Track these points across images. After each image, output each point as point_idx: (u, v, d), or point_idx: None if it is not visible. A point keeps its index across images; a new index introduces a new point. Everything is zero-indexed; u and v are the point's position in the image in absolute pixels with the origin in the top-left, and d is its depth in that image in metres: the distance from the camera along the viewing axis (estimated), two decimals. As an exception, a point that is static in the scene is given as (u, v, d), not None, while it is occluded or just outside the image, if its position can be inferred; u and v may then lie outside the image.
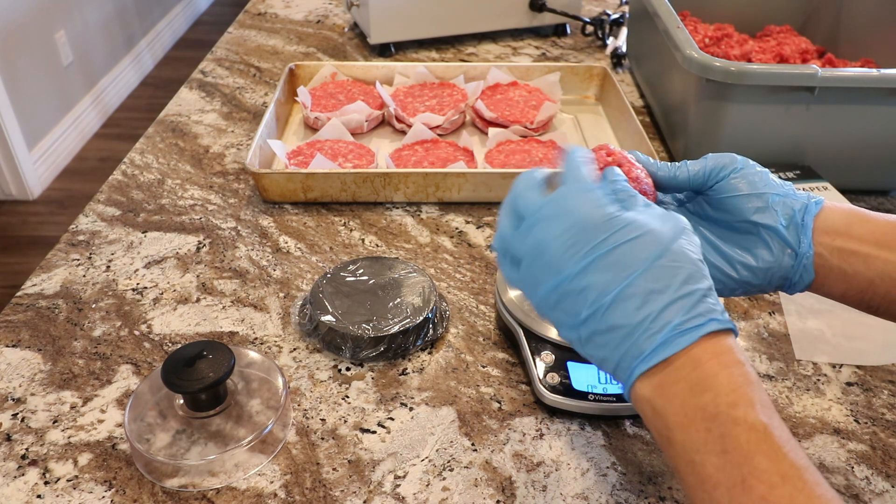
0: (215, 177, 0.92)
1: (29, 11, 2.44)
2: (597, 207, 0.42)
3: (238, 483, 0.56)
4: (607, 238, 0.41)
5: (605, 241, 0.41)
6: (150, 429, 0.57)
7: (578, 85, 1.10)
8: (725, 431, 0.37)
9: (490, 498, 0.56)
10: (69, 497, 0.55)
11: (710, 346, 0.39)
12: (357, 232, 0.83)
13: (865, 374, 0.67)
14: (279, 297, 0.74)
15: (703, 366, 0.39)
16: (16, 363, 0.66)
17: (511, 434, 0.61)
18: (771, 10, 1.16)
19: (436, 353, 0.68)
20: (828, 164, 0.87)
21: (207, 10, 3.97)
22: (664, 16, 0.92)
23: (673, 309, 0.39)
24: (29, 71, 2.45)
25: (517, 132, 0.97)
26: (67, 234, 0.82)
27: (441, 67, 1.07)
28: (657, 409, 0.39)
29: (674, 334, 0.39)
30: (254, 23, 1.36)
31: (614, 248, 0.40)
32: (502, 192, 0.86)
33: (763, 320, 0.73)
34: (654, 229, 0.41)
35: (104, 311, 0.71)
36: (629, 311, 0.40)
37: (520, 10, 1.28)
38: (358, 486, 0.56)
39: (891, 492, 0.57)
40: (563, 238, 0.42)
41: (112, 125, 2.92)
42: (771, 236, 0.49)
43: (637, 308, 0.40)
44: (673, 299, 0.39)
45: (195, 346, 0.58)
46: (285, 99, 1.03)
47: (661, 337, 0.39)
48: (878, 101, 0.83)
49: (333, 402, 0.63)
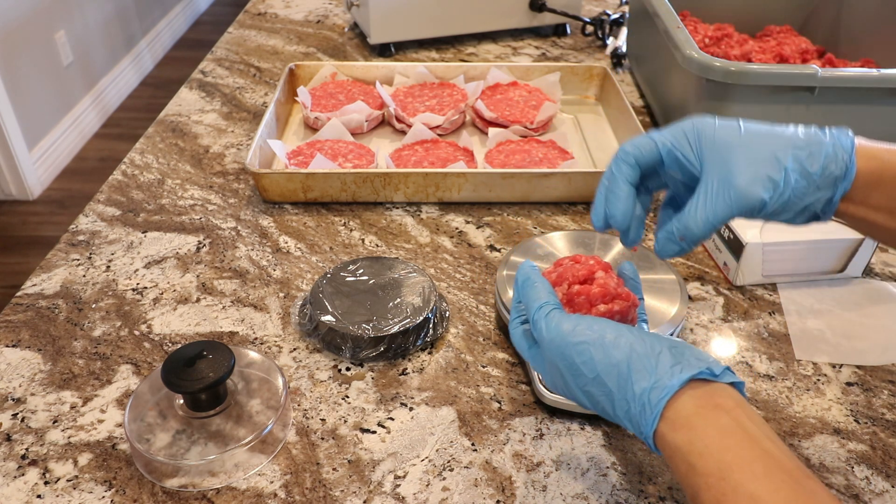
0: (215, 177, 0.92)
1: (29, 11, 2.44)
2: (558, 352, 0.47)
3: (238, 483, 0.56)
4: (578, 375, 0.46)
5: (577, 376, 0.47)
6: (150, 429, 0.57)
7: (578, 85, 1.10)
8: None
9: (490, 498, 0.56)
10: (69, 497, 0.55)
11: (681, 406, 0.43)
12: (357, 232, 0.83)
13: (865, 374, 0.67)
14: (279, 297, 0.74)
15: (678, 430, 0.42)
16: (16, 363, 0.66)
17: (511, 434, 0.61)
18: (771, 10, 1.16)
19: (436, 353, 0.68)
20: (828, 164, 0.87)
21: (207, 10, 3.97)
22: (664, 16, 0.92)
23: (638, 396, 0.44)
24: (29, 71, 2.45)
25: (517, 132, 0.97)
26: (67, 234, 0.82)
27: (441, 67, 1.07)
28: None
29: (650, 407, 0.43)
30: (254, 23, 1.36)
31: (585, 378, 0.46)
32: (502, 192, 0.86)
33: (763, 320, 0.73)
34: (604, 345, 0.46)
35: (104, 311, 0.71)
36: (624, 407, 0.45)
37: (520, 10, 1.28)
38: (358, 486, 0.56)
39: (891, 492, 0.57)
40: (554, 380, 0.49)
41: (112, 125, 2.92)
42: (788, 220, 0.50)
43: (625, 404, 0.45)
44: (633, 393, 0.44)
45: (195, 346, 0.58)
46: (285, 99, 1.03)
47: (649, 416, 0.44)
48: (878, 101, 0.83)
49: (333, 402, 0.63)
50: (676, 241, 0.50)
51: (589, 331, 0.46)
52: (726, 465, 0.39)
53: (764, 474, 0.38)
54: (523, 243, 0.73)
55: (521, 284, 0.52)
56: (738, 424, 0.41)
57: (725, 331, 0.71)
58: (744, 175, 0.47)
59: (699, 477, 0.40)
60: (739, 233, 0.73)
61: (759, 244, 0.73)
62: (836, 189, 0.47)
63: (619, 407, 0.45)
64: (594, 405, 0.47)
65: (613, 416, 0.46)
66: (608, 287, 0.51)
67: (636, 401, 0.44)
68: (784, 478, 0.38)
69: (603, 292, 0.51)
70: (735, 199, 0.47)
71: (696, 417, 0.42)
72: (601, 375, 0.45)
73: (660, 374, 0.43)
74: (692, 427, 0.41)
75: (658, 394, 0.43)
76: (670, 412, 0.42)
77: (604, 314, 0.50)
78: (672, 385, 0.43)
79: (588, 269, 0.52)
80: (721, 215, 0.48)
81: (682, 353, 0.44)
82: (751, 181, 0.47)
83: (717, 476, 0.39)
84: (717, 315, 0.73)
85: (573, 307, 0.51)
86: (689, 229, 0.49)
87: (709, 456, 0.40)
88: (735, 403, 0.42)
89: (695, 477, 0.40)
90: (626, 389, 0.44)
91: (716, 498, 0.39)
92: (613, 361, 0.45)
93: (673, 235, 0.50)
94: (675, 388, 0.43)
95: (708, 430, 0.41)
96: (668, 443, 0.42)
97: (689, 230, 0.49)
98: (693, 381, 0.43)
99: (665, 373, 0.43)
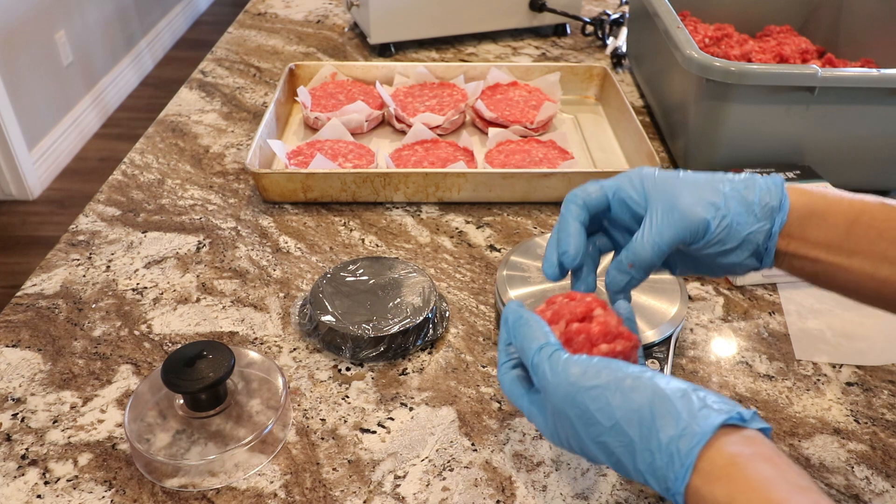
0: (215, 177, 0.92)
1: (29, 11, 2.44)
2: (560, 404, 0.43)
3: (238, 483, 0.56)
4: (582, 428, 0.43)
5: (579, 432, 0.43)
6: (150, 429, 0.57)
7: (578, 85, 1.10)
8: None
9: (490, 498, 0.56)
10: (69, 497, 0.55)
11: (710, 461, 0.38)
12: (357, 232, 0.83)
13: (865, 374, 0.67)
14: (279, 297, 0.74)
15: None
16: (16, 363, 0.66)
17: (511, 434, 0.61)
18: (771, 10, 1.16)
19: (436, 353, 0.68)
20: (828, 164, 0.87)
21: (207, 10, 3.97)
22: (664, 16, 0.92)
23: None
24: (29, 71, 2.45)
25: (517, 132, 0.97)
26: (67, 234, 0.82)
27: (441, 67, 1.07)
28: None
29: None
30: (254, 23, 1.36)
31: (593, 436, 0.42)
32: (502, 192, 0.86)
33: (763, 320, 0.73)
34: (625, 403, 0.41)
35: (104, 311, 0.71)
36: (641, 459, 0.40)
37: (520, 10, 1.28)
38: (358, 486, 0.56)
39: (891, 492, 0.57)
40: (559, 432, 0.45)
41: (112, 125, 2.92)
42: (732, 266, 0.52)
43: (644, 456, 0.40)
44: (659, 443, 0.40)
45: (195, 346, 0.58)
46: (285, 99, 1.03)
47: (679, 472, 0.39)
48: (878, 101, 0.83)
49: (333, 402, 0.63)
50: (626, 270, 0.51)
51: (604, 373, 0.42)
52: None
53: None
54: (523, 243, 0.73)
55: (513, 324, 0.47)
56: (781, 474, 0.37)
57: (725, 331, 0.71)
58: (686, 199, 0.49)
59: None
60: (739, 233, 0.73)
61: (759, 244, 0.73)
62: (773, 220, 0.49)
63: (642, 459, 0.40)
64: (608, 458, 0.42)
65: (633, 471, 0.41)
66: (609, 325, 0.48)
67: (662, 451, 0.39)
68: None
69: (604, 331, 0.47)
70: (679, 220, 0.49)
71: (734, 468, 0.37)
72: (620, 423, 0.40)
73: (687, 420, 0.39)
74: (731, 479, 0.37)
75: (689, 442, 0.38)
76: (704, 462, 0.38)
77: (606, 355, 0.46)
78: (704, 431, 0.38)
79: (586, 307, 0.48)
80: (667, 237, 0.49)
81: (704, 396, 0.40)
82: (693, 203, 0.49)
83: None
84: (717, 315, 0.73)
85: (572, 347, 0.47)
86: (637, 254, 0.50)
87: None
88: (771, 451, 0.38)
89: None
90: (649, 439, 0.39)
91: None
92: (634, 407, 0.40)
93: (622, 264, 0.51)
94: (707, 435, 0.38)
95: (750, 482, 0.36)
96: (705, 498, 0.38)
97: (637, 255, 0.50)
98: (723, 427, 0.39)
99: (693, 418, 0.39)
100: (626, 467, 0.41)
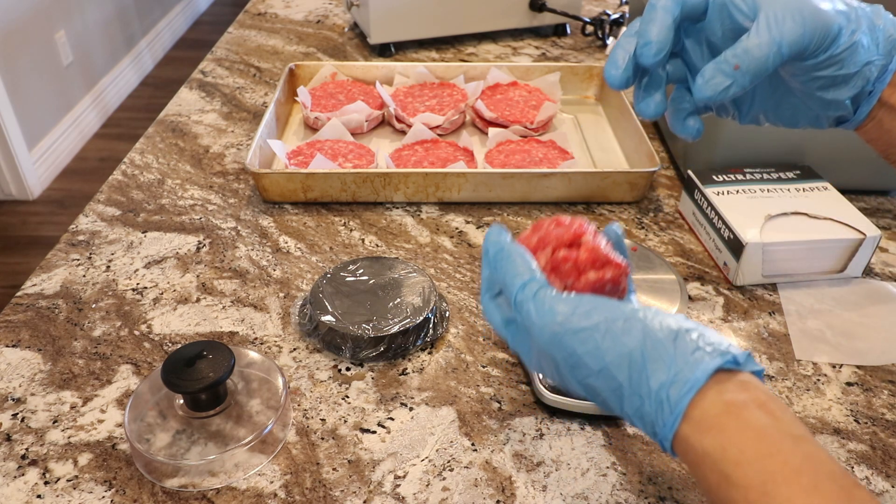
0: (215, 177, 0.92)
1: (29, 11, 2.44)
2: (545, 329, 0.40)
3: (238, 483, 0.56)
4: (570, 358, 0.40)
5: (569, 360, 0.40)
6: (150, 429, 0.57)
7: (578, 85, 1.10)
8: None
9: (490, 498, 0.56)
10: (69, 497, 0.55)
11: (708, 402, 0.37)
12: (357, 232, 0.83)
13: (865, 374, 0.67)
14: (279, 297, 0.74)
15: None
16: (16, 363, 0.66)
17: (511, 434, 0.61)
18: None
19: (436, 353, 0.68)
20: (828, 164, 0.87)
21: (207, 10, 3.97)
22: (664, 16, 0.91)
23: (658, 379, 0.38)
24: (29, 71, 2.45)
25: (517, 132, 0.97)
26: (67, 234, 0.82)
27: (441, 67, 1.07)
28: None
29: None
30: (254, 23, 1.36)
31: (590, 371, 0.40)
32: (502, 192, 0.86)
33: (763, 320, 0.73)
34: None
35: (104, 311, 0.71)
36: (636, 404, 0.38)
37: (520, 10, 1.28)
38: (358, 486, 0.56)
39: (891, 492, 0.57)
40: (543, 368, 0.42)
41: (112, 125, 2.92)
42: (830, 102, 0.45)
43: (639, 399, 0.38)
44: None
45: (195, 346, 0.58)
46: (285, 99, 1.03)
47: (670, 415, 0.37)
48: (878, 101, 0.82)
49: (333, 402, 0.63)
50: (728, 72, 0.42)
51: (594, 314, 0.39)
52: (769, 476, 0.34)
53: (813, 487, 0.33)
54: (523, 243, 0.73)
55: (494, 256, 0.43)
56: (775, 422, 0.35)
57: (725, 331, 0.71)
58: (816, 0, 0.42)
59: (736, 490, 0.34)
60: (739, 233, 0.73)
61: (759, 244, 0.73)
62: (892, 57, 0.44)
63: (630, 404, 0.38)
64: (594, 398, 0.40)
65: (620, 412, 0.39)
66: (598, 252, 0.44)
67: (652, 398, 0.37)
68: (834, 489, 0.33)
69: (592, 258, 0.44)
70: (809, 18, 0.41)
71: (727, 417, 0.36)
72: (609, 367, 0.38)
73: (679, 366, 0.37)
74: (723, 429, 0.35)
75: (679, 389, 0.36)
76: (695, 411, 0.36)
77: (594, 283, 0.44)
78: (697, 378, 0.36)
79: (574, 233, 0.45)
80: (789, 36, 0.41)
81: (697, 337, 0.38)
82: (825, 4, 0.42)
83: (760, 490, 0.34)
84: (717, 315, 0.73)
85: (559, 275, 0.44)
86: (749, 52, 0.41)
87: (747, 465, 0.34)
88: (766, 396, 0.36)
89: (730, 489, 0.34)
90: (639, 383, 0.37)
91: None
92: (624, 351, 0.38)
93: (726, 63, 0.42)
94: (700, 382, 0.36)
95: (745, 432, 0.35)
96: (694, 448, 0.36)
97: (748, 54, 0.41)
98: (717, 372, 0.37)
99: (685, 363, 0.37)
100: (613, 409, 0.40)
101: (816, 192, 0.80)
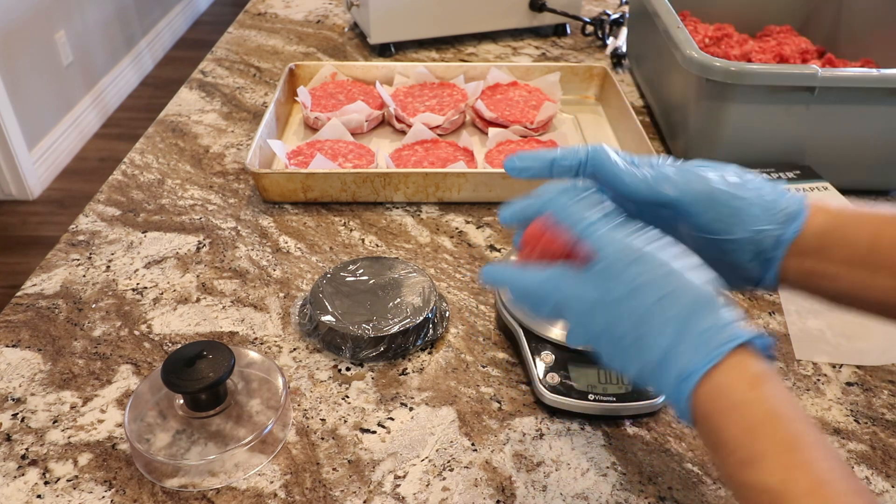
0: (215, 177, 0.92)
1: (29, 11, 2.44)
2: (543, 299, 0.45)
3: (238, 483, 0.56)
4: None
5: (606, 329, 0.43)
6: (150, 429, 0.57)
7: (578, 85, 1.10)
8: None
9: (490, 498, 0.56)
10: (69, 497, 0.55)
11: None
12: (357, 232, 0.83)
13: (865, 374, 0.67)
14: (279, 297, 0.74)
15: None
16: (16, 363, 0.66)
17: (511, 434, 0.61)
18: (771, 10, 1.16)
19: (436, 353, 0.68)
20: (828, 164, 0.87)
21: (207, 10, 3.97)
22: (664, 16, 0.92)
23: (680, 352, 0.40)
24: (29, 71, 2.45)
25: (517, 132, 0.97)
26: (67, 234, 0.82)
27: (441, 67, 1.07)
28: None
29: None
30: (254, 23, 1.36)
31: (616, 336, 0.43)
32: (502, 192, 0.86)
33: (763, 320, 0.73)
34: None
35: (104, 311, 0.71)
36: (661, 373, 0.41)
37: (520, 10, 1.28)
38: (358, 486, 0.56)
39: (891, 492, 0.57)
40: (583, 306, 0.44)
41: (112, 125, 2.92)
42: (733, 265, 0.49)
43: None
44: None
45: (195, 346, 0.58)
46: (285, 99, 1.03)
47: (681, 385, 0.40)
48: (878, 101, 0.82)
49: (333, 402, 0.63)
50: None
51: (669, 248, 0.43)
52: (795, 437, 0.37)
53: (833, 455, 0.37)
54: (523, 243, 0.73)
55: (564, 202, 0.46)
56: (795, 402, 0.39)
57: (725, 331, 0.71)
58: (705, 171, 0.48)
59: (762, 442, 0.37)
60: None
61: (759, 244, 0.73)
62: (788, 227, 0.47)
63: (671, 339, 0.40)
64: (634, 331, 0.42)
65: (652, 347, 0.41)
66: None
67: (695, 337, 0.40)
68: (842, 466, 0.37)
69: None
70: (693, 178, 0.47)
71: (763, 379, 0.39)
72: (668, 297, 0.41)
73: (727, 319, 0.40)
74: (762, 384, 0.38)
75: (725, 335, 0.39)
76: (735, 360, 0.39)
77: None
78: (742, 334, 0.39)
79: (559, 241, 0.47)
80: (664, 184, 0.47)
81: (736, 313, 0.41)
82: (712, 173, 0.48)
83: (786, 446, 0.37)
84: (717, 315, 0.73)
85: None
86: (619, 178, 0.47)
87: (777, 422, 0.37)
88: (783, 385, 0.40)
89: (755, 442, 0.37)
90: (689, 323, 0.40)
91: (784, 468, 0.36)
92: (689, 289, 0.41)
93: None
94: (743, 338, 0.39)
95: (781, 392, 0.38)
96: (728, 395, 0.38)
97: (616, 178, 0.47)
98: (747, 345, 0.40)
99: (731, 323, 0.40)
100: (647, 344, 0.41)
101: (816, 192, 0.80)
